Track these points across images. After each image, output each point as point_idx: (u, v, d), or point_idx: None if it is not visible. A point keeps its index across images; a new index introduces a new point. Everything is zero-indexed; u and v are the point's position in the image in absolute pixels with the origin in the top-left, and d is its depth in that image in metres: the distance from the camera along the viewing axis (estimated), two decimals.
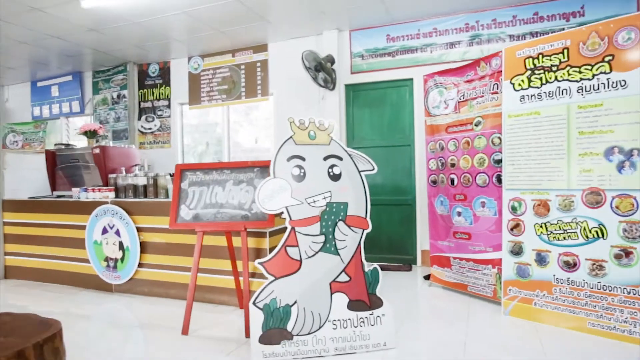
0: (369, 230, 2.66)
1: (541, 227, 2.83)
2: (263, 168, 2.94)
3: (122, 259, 3.68)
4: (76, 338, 2.78)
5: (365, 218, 2.67)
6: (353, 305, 2.54)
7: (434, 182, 3.85)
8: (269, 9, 4.50)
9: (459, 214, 3.55)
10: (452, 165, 3.61)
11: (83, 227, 3.86)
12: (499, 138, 3.21)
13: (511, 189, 3.00)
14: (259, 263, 2.49)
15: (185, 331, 2.77)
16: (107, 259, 3.75)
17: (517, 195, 2.96)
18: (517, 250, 2.97)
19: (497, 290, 3.21)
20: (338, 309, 2.51)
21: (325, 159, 2.68)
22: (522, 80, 2.96)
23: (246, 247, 2.80)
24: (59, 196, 4.36)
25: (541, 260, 2.84)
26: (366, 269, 2.62)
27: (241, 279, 3.04)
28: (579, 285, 2.67)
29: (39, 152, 4.58)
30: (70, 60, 5.95)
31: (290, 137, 2.68)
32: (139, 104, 6.27)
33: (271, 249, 3.10)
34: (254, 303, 2.44)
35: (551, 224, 2.78)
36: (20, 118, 7.03)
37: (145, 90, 6.22)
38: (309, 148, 2.68)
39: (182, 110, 6.15)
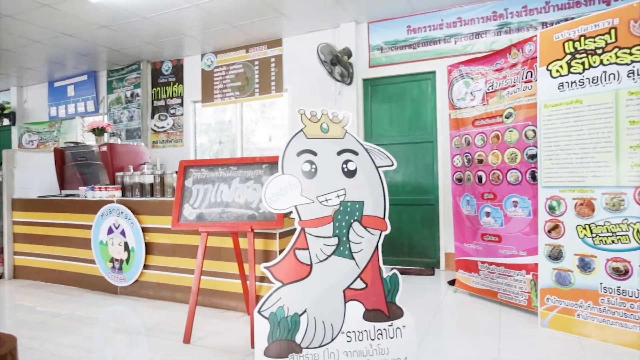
0: (388, 232, 2.40)
1: (585, 229, 2.50)
2: (272, 164, 2.72)
3: (127, 260, 3.51)
4: (80, 342, 2.65)
5: (384, 218, 2.40)
6: (370, 316, 2.28)
7: (459, 180, 3.55)
8: (284, 1, 4.29)
9: (488, 214, 3.24)
10: (480, 161, 3.30)
11: (90, 227, 3.73)
12: (534, 131, 2.89)
13: (548, 186, 2.68)
14: (265, 267, 2.26)
15: (187, 339, 2.56)
16: (112, 260, 3.60)
17: (556, 193, 2.64)
18: (556, 255, 2.64)
19: (533, 299, 2.88)
20: (353, 320, 2.26)
21: (339, 153, 2.44)
22: (561, 66, 2.64)
23: (253, 249, 2.58)
24: (67, 195, 4.25)
25: (585, 266, 2.50)
26: (384, 275, 2.35)
27: (249, 283, 2.82)
28: (632, 296, 2.33)
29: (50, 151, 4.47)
30: (85, 59, 5.90)
31: (301, 130, 2.45)
32: (152, 103, 6.17)
33: (282, 252, 2.87)
34: (259, 311, 2.21)
35: (597, 226, 2.45)
36: (38, 118, 7.05)
37: (158, 88, 6.12)
38: (321, 142, 2.44)
39: (195, 108, 6.01)
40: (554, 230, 2.65)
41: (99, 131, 4.10)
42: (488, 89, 3.28)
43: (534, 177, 2.90)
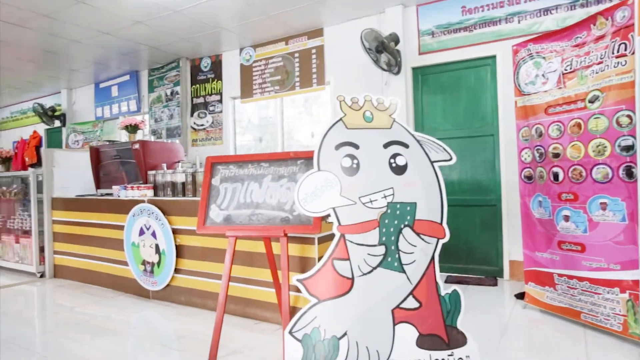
0: (446, 239, 1.98)
1: None
2: (308, 160, 2.36)
3: (159, 263, 3.32)
4: (109, 346, 2.57)
5: (441, 223, 1.99)
6: (424, 342, 1.87)
7: (529, 177, 3.03)
8: None
9: (567, 218, 2.71)
10: (556, 155, 2.77)
11: (123, 228, 3.58)
12: (629, 116, 2.35)
13: None
14: (298, 280, 1.92)
15: (212, 357, 2.27)
16: (144, 263, 3.42)
17: None
18: None
19: (630, 324, 2.33)
20: (404, 346, 1.87)
21: (386, 146, 2.06)
22: None
23: (286, 256, 2.24)
24: (103, 194, 4.15)
25: None
26: (442, 292, 1.94)
27: (282, 293, 2.49)
28: None
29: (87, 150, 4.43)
30: (127, 58, 5.89)
31: (340, 119, 2.09)
32: (192, 100, 6.05)
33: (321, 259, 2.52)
34: (290, 332, 1.87)
35: None
36: (85, 119, 7.20)
37: (197, 85, 5.99)
38: (364, 133, 2.07)
39: (234, 105, 5.81)
40: None
41: (132, 128, 3.97)
42: (565, 69, 2.75)
43: (629, 173, 2.35)
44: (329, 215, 1.97)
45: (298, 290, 2.63)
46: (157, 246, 3.32)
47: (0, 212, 4.81)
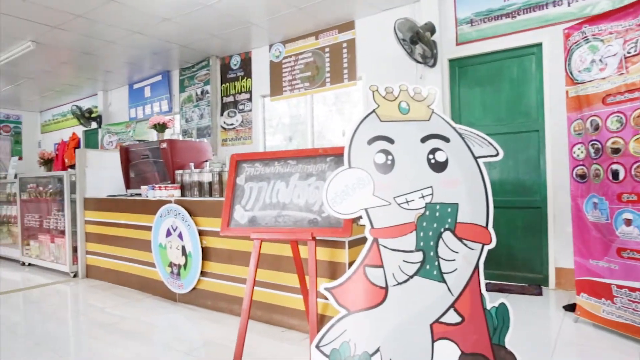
0: (492, 245, 1.76)
1: None
2: (339, 157, 2.19)
3: (185, 265, 3.24)
4: (135, 349, 2.54)
5: (486, 227, 1.77)
6: None
7: (582, 176, 2.73)
8: None
9: (629, 222, 2.40)
10: (615, 151, 2.47)
11: (151, 229, 3.53)
12: None
13: None
14: (326, 289, 1.75)
15: None
16: (171, 265, 3.36)
17: None
18: None
19: None
20: None
21: (424, 140, 1.86)
22: None
23: (314, 261, 2.08)
24: (133, 194, 4.14)
25: None
26: (488, 306, 1.72)
27: (310, 300, 2.33)
28: None
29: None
30: (158, 58, 5.93)
31: (373, 111, 1.91)
32: (222, 99, 6.01)
33: (352, 265, 2.34)
34: (317, 346, 1.71)
35: None
36: (120, 120, 7.34)
37: (227, 84, 5.94)
38: (399, 126, 1.88)
39: (263, 103, 5.72)
40: None
41: (160, 127, 3.93)
42: (628, 52, 2.44)
43: None
44: (360, 217, 1.79)
45: (327, 298, 2.47)
46: (183, 248, 3.24)
47: (38, 211, 4.92)
